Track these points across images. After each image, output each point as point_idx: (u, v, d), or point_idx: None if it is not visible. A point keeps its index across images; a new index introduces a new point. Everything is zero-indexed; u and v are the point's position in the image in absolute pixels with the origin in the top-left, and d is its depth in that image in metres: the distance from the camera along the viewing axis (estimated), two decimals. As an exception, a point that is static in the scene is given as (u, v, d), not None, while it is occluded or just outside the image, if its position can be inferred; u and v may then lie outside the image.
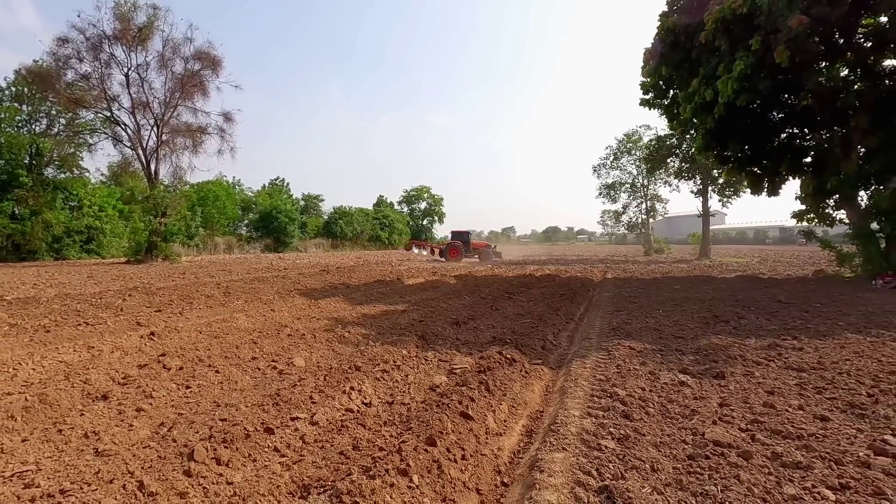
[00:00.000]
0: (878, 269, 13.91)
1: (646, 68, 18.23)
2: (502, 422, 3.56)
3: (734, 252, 45.40)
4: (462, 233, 32.33)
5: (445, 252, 31.29)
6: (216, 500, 2.30)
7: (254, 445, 2.86)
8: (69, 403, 3.52)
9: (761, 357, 5.19)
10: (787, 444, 2.94)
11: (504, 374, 4.51)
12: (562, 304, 9.75)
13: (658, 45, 17.09)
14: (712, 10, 13.91)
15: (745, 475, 2.55)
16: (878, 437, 3.03)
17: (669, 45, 16.74)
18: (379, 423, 3.35)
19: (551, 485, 2.47)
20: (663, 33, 17.08)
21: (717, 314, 8.21)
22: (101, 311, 8.03)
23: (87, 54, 24.28)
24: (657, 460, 2.75)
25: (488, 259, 30.13)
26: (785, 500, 2.30)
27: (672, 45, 16.68)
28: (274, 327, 6.68)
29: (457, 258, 30.27)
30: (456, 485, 2.55)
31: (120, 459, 2.66)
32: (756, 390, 4.04)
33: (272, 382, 4.21)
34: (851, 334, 6.32)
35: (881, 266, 14.05)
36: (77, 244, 30.92)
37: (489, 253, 30.75)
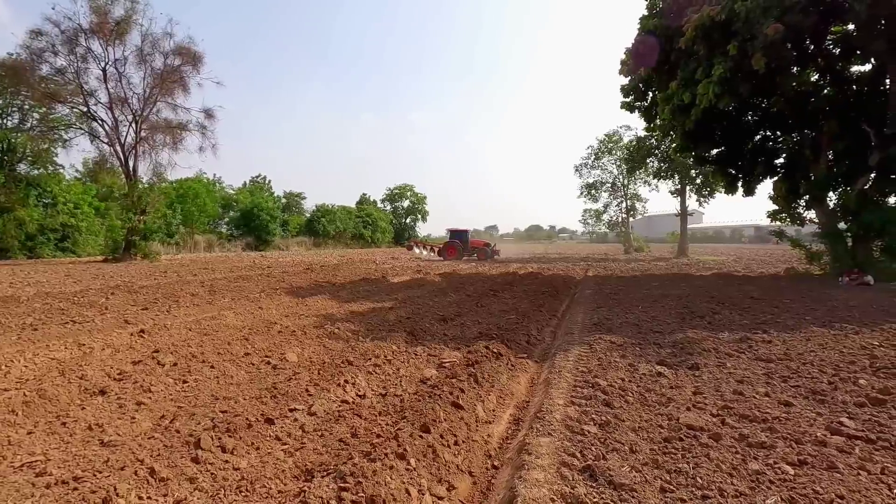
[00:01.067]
0: (845, 267, 14.53)
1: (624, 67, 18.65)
2: (491, 411, 3.75)
3: (711, 251, 46.59)
4: (460, 232, 31.30)
5: (443, 251, 30.49)
6: (225, 484, 2.44)
7: (256, 435, 3.00)
8: (68, 398, 3.59)
9: (733, 349, 5.49)
10: (753, 427, 3.19)
11: (491, 367, 4.70)
12: (545, 301, 10.02)
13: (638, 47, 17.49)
14: (692, 18, 14.33)
15: (715, 454, 2.79)
16: (835, 419, 3.31)
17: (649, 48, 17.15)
18: (374, 413, 3.51)
19: (539, 465, 2.67)
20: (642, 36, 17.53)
21: (693, 310, 8.56)
22: (85, 310, 7.98)
23: (62, 48, 23.71)
24: (635, 443, 2.97)
25: (488, 258, 29.09)
26: (749, 475, 2.54)
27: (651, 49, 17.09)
28: (263, 324, 6.77)
29: (454, 257, 29.44)
30: (450, 467, 2.73)
31: (127, 449, 2.77)
32: (727, 380, 4.32)
33: (267, 377, 4.32)
34: (817, 328, 6.70)
35: (848, 264, 14.67)
36: (51, 242, 30.13)
37: (488, 252, 29.74)
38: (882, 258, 14.66)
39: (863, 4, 11.58)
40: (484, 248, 30.21)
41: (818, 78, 16.77)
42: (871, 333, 6.21)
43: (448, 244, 30.69)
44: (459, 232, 31.27)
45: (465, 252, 29.88)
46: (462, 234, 31.05)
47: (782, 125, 17.35)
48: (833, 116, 15.35)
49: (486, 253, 29.54)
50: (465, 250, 29.91)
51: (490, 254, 29.63)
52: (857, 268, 14.21)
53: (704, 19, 13.75)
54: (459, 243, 30.14)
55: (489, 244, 31.52)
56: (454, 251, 29.74)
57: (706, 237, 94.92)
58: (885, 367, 4.56)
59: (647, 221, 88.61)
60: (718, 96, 13.96)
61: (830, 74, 16.27)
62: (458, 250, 29.75)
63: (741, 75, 13.76)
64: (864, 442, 2.95)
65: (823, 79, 16.68)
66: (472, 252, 29.98)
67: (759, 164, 17.64)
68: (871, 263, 14.47)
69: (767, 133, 18.32)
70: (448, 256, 29.69)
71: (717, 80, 13.58)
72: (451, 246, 30.16)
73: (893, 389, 3.91)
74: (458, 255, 29.55)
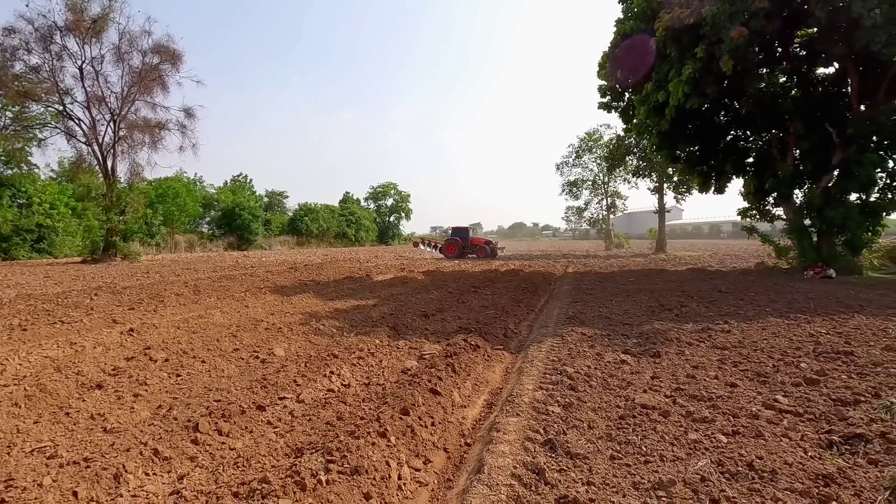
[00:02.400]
0: (810, 261, 15.21)
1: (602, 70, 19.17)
2: (466, 397, 4.07)
3: (689, 246, 47.70)
4: (462, 229, 31.03)
5: (444, 248, 30.38)
6: (223, 462, 2.70)
7: (249, 420, 3.26)
8: (67, 392, 3.80)
9: (694, 339, 5.91)
10: (698, 405, 3.57)
11: (468, 358, 5.02)
12: (524, 297, 10.39)
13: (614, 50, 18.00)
14: (662, 19, 14.85)
15: (661, 427, 3.16)
16: (771, 397, 3.71)
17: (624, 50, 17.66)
18: (358, 399, 3.80)
19: (506, 440, 3.00)
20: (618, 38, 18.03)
21: (663, 303, 9.02)
22: (71, 311, 8.07)
23: (36, 45, 23.30)
24: (593, 420, 3.32)
25: (487, 256, 28.87)
26: (688, 443, 2.90)
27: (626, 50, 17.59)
28: (250, 322, 6.98)
29: (454, 254, 29.24)
30: (427, 444, 3.04)
31: (130, 434, 3.02)
32: (684, 365, 4.71)
33: (256, 370, 4.57)
34: (774, 318, 7.18)
35: (813, 258, 15.36)
36: (27, 243, 29.55)
37: (488, 249, 29.42)
38: (844, 252, 15.38)
39: (822, 11, 12.18)
40: (485, 245, 30.00)
41: (786, 80, 17.50)
42: (822, 323, 6.70)
43: (449, 241, 30.56)
44: (461, 229, 31.11)
45: (467, 249, 29.65)
46: (463, 231, 30.82)
47: (752, 125, 18.03)
48: (798, 117, 16.03)
49: (486, 251, 29.37)
50: (465, 247, 29.69)
51: (490, 251, 29.45)
52: (822, 262, 14.91)
53: (674, 21, 14.26)
54: (460, 241, 29.95)
55: (490, 242, 31.27)
56: (454, 248, 29.56)
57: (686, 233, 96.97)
58: (826, 352, 5.01)
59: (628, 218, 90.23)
60: (687, 96, 14.51)
61: (797, 76, 16.99)
62: (459, 247, 29.55)
63: (710, 77, 14.32)
64: (792, 415, 3.35)
65: (791, 80, 17.41)
66: (472, 249, 29.72)
67: (730, 163, 18.31)
68: (835, 258, 15.19)
69: (738, 133, 19.01)
70: (449, 254, 29.59)
71: (685, 80, 14.12)
72: (452, 243, 30.02)
73: (828, 371, 4.35)
74: (459, 253, 29.36)
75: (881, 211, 15.55)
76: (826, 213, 15.34)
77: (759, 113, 16.84)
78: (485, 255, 29.05)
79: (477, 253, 29.43)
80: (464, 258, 28.64)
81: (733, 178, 19.23)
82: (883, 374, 4.22)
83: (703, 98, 14.76)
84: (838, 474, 2.47)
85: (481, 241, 30.81)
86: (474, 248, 29.75)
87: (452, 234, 31.41)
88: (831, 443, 2.87)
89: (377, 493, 2.36)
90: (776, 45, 15.89)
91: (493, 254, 29.54)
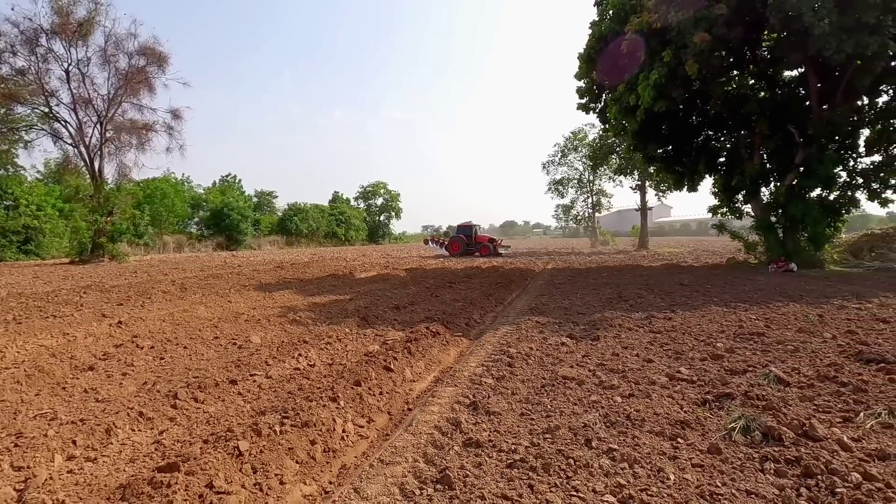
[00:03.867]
0: (776, 256, 15.97)
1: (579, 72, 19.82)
2: (418, 374, 4.63)
3: (674, 243, 48.68)
4: (466, 227, 31.10)
5: (448, 246, 30.43)
6: (197, 421, 3.25)
7: (222, 391, 3.80)
8: (62, 373, 4.31)
9: (635, 325, 6.52)
10: (612, 376, 4.16)
11: (427, 343, 5.59)
12: (495, 291, 10.97)
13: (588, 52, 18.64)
14: (632, 23, 15.51)
15: (572, 393, 3.74)
16: (676, 369, 4.31)
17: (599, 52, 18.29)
18: (320, 376, 4.35)
19: (438, 403, 3.57)
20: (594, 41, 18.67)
21: (623, 295, 9.64)
22: (62, 307, 8.52)
23: (21, 48, 23.48)
24: (518, 388, 3.90)
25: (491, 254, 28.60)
26: (588, 404, 3.49)
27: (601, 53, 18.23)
28: (231, 315, 7.50)
29: (458, 252, 29.16)
30: (373, 409, 3.60)
31: (118, 403, 3.55)
32: (615, 347, 5.31)
33: (233, 354, 5.10)
34: (716, 307, 7.82)
35: (778, 253, 16.12)
36: (14, 245, 29.65)
37: (491, 247, 29.16)
38: (808, 247, 16.16)
39: (777, 18, 12.88)
40: (488, 243, 29.75)
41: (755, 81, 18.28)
42: (756, 310, 7.35)
43: (453, 239, 30.64)
44: (465, 227, 31.19)
45: (471, 247, 29.61)
46: (468, 229, 30.88)
47: (722, 126, 18.78)
48: (763, 118, 16.79)
49: (490, 248, 29.17)
50: (470, 245, 29.68)
51: (493, 249, 29.20)
52: (786, 256, 15.67)
53: (643, 25, 14.91)
54: (464, 238, 29.96)
55: (494, 239, 31.00)
56: (458, 246, 29.57)
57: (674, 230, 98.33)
58: (743, 334, 5.64)
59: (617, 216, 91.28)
60: (655, 99, 15.18)
61: (764, 79, 17.76)
62: (463, 245, 29.52)
63: (678, 80, 14.98)
64: (686, 382, 3.96)
65: (759, 83, 18.19)
66: (477, 247, 29.60)
67: (702, 162, 19.05)
68: (799, 252, 15.95)
69: (710, 133, 19.75)
70: (453, 251, 29.62)
71: (652, 84, 14.79)
72: (455, 241, 30.09)
73: (737, 349, 4.97)
74: (463, 250, 29.33)
75: (840, 208, 16.34)
76: (789, 209, 16.11)
77: (727, 114, 17.60)
78: (488, 252, 28.85)
79: (480, 251, 29.25)
80: (469, 255, 28.57)
81: (706, 176, 20.02)
82: (781, 350, 4.85)
83: (670, 101, 15.43)
84: (694, 421, 3.07)
85: (485, 238, 30.68)
86: (478, 246, 29.62)
87: (457, 231, 31.46)
88: (705, 401, 3.48)
89: (321, 440, 2.91)
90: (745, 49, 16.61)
91: (496, 252, 29.27)
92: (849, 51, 12.32)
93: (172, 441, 2.94)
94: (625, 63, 17.16)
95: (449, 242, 30.88)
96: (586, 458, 2.59)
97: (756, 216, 17.91)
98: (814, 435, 2.76)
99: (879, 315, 6.56)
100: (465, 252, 29.31)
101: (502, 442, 2.84)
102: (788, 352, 4.77)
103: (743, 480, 2.34)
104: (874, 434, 2.82)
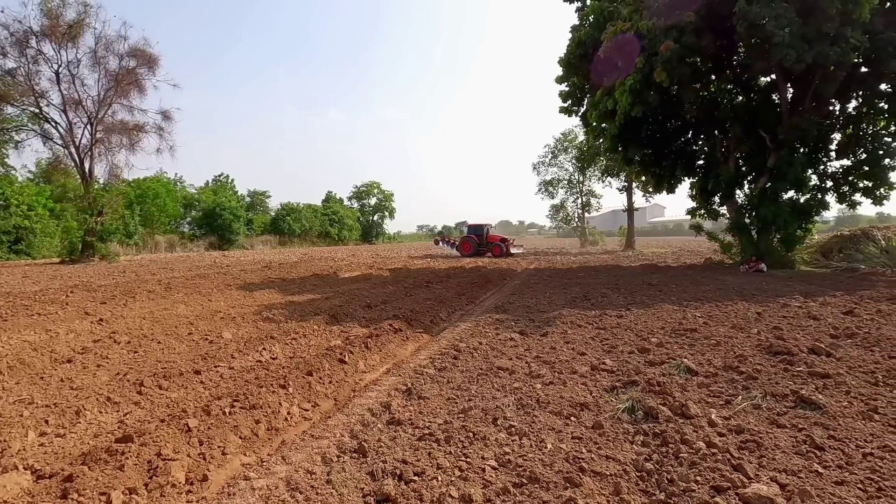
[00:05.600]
0: (749, 256, 16.50)
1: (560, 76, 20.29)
2: (371, 366, 5.06)
3: (663, 243, 49.30)
4: (477, 226, 30.69)
5: (459, 246, 30.22)
6: (159, 405, 3.66)
7: (186, 380, 4.22)
8: (42, 365, 4.71)
9: (585, 322, 6.97)
10: (542, 367, 4.61)
11: (387, 338, 6.02)
12: (469, 291, 11.41)
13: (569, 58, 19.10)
14: (607, 31, 16.00)
15: (499, 381, 4.18)
16: (602, 361, 4.76)
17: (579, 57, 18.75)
18: (279, 367, 4.77)
19: (378, 390, 4.01)
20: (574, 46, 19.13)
21: (588, 295, 10.09)
22: (47, 306, 8.88)
23: (11, 50, 23.70)
24: (454, 377, 4.34)
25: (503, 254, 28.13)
26: (510, 390, 3.93)
27: (581, 58, 18.69)
28: (209, 313, 7.89)
29: (469, 252, 28.94)
30: (319, 395, 4.02)
31: (90, 390, 3.95)
32: (558, 342, 5.75)
33: (203, 348, 5.51)
34: (668, 305, 8.28)
35: (752, 253, 16.65)
36: (4, 245, 29.83)
37: (502, 248, 28.53)
38: (779, 248, 16.71)
39: (743, 27, 13.39)
40: (500, 243, 29.10)
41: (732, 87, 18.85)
42: (704, 308, 7.82)
43: (464, 239, 30.28)
44: (477, 227, 30.77)
45: (482, 247, 29.26)
46: (479, 228, 30.48)
47: (700, 130, 19.33)
48: (737, 123, 17.34)
49: (501, 248, 28.61)
50: (481, 245, 29.33)
51: (505, 249, 28.61)
52: (758, 257, 16.21)
53: (617, 32, 15.40)
54: (476, 238, 29.56)
55: (506, 239, 30.31)
56: (469, 246, 29.30)
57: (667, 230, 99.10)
58: (679, 330, 6.10)
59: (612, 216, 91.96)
60: (632, 104, 15.67)
61: (739, 85, 18.31)
62: (474, 245, 29.19)
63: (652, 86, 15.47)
64: (607, 372, 4.40)
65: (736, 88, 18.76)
66: (488, 247, 29.12)
67: (680, 166, 19.59)
68: (771, 253, 16.49)
69: (688, 137, 20.29)
70: (464, 252, 29.37)
71: (629, 89, 15.28)
72: (466, 241, 29.76)
73: (666, 343, 5.43)
74: (474, 250, 29.05)
75: (811, 210, 16.88)
76: (761, 211, 16.65)
77: (703, 118, 18.15)
78: (500, 252, 28.39)
79: (492, 251, 28.75)
80: (481, 256, 28.31)
81: (683, 179, 20.57)
82: (706, 344, 5.32)
83: (646, 106, 15.92)
84: (593, 404, 3.52)
85: (497, 238, 29.95)
86: (490, 246, 29.17)
87: (469, 231, 31.05)
88: (613, 387, 3.93)
89: (266, 421, 3.33)
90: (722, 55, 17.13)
91: (508, 252, 28.70)
92: (809, 60, 12.83)
93: (134, 421, 3.35)
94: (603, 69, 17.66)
95: (460, 243, 30.60)
96: (487, 432, 3.03)
97: (731, 218, 18.46)
98: (687, 414, 3.21)
99: (813, 312, 7.05)
100: (476, 252, 28.97)
101: (420, 420, 3.27)
102: (711, 346, 5.23)
103: (609, 449, 2.78)
104: (743, 414, 3.27)
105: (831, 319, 6.52)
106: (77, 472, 2.44)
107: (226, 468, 2.74)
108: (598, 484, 2.38)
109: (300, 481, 2.50)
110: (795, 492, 2.22)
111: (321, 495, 2.36)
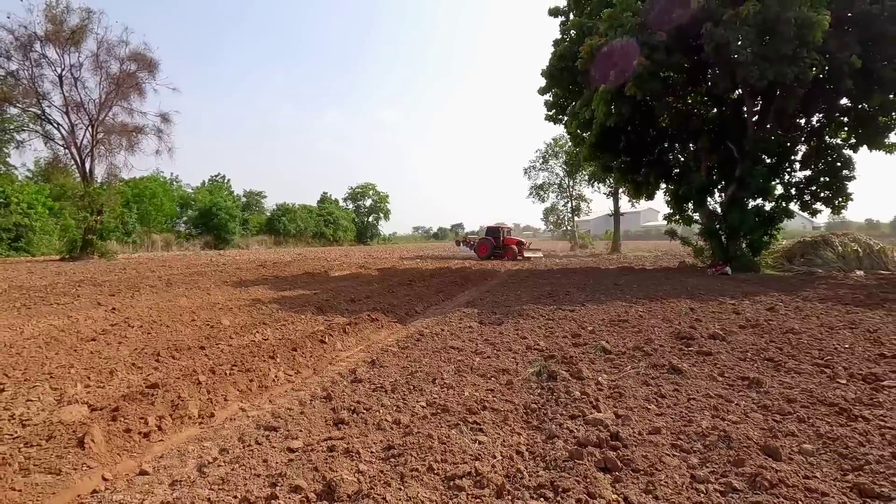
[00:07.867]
0: (718, 260, 17.57)
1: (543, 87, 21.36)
2: (347, 346, 6.04)
3: (651, 247, 50.51)
4: (494, 229, 30.56)
5: (476, 248, 30.42)
6: (173, 369, 4.63)
7: (193, 353, 5.19)
8: (72, 342, 5.66)
9: (539, 315, 7.96)
10: (486, 347, 5.60)
11: (364, 326, 7.00)
12: (448, 289, 12.39)
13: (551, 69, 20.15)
14: (584, 45, 17.05)
15: (449, 356, 5.17)
16: (536, 342, 5.75)
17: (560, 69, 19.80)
18: (270, 346, 5.73)
19: (348, 362, 4.99)
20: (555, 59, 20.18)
21: (554, 293, 11.09)
22: (61, 298, 9.81)
23: (15, 53, 24.54)
24: (413, 354, 5.32)
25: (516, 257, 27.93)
26: (454, 362, 4.91)
27: (563, 70, 19.73)
28: (209, 305, 8.85)
29: (485, 254, 28.88)
30: (301, 365, 4.99)
31: (117, 359, 4.92)
32: (509, 329, 6.74)
33: (205, 331, 6.47)
34: (620, 302, 9.29)
35: (720, 258, 17.72)
36: (5, 242, 30.56)
37: (515, 250, 28.39)
38: (746, 252, 17.77)
39: (710, 46, 14.47)
40: (514, 246, 28.97)
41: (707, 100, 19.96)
42: (649, 305, 8.83)
43: (481, 242, 30.34)
44: (494, 229, 30.64)
45: (498, 249, 29.13)
46: (496, 231, 30.37)
47: (675, 140, 20.42)
48: (707, 134, 18.45)
49: (515, 252, 28.44)
50: (497, 248, 29.22)
51: (517, 252, 28.42)
52: (725, 261, 17.28)
53: (594, 46, 16.44)
54: (492, 241, 29.54)
55: (522, 242, 30.43)
56: (486, 249, 29.32)
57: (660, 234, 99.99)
58: (615, 321, 7.11)
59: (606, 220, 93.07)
60: (607, 115, 16.72)
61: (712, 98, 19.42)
62: (490, 248, 29.26)
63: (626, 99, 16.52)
64: (536, 351, 5.40)
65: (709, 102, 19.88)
66: (504, 249, 28.97)
67: (655, 174, 20.67)
68: (739, 257, 17.55)
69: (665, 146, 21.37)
70: (480, 254, 29.51)
71: (603, 101, 16.33)
72: (483, 243, 29.75)
73: (598, 331, 6.43)
74: (490, 253, 29.04)
75: (776, 217, 17.96)
76: (729, 217, 17.74)
77: (677, 129, 19.26)
78: (513, 256, 28.25)
79: (507, 254, 28.61)
80: (500, 259, 28.33)
81: (660, 186, 21.66)
82: (630, 331, 6.33)
83: (619, 117, 16.97)
84: (514, 370, 4.51)
85: (514, 241, 29.82)
86: (505, 249, 29.06)
87: (486, 233, 31.00)
88: (535, 361, 4.92)
89: (258, 380, 4.30)
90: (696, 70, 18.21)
91: (520, 254, 28.58)
92: (770, 78, 13.92)
93: (154, 379, 4.32)
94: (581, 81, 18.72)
95: (477, 245, 30.74)
96: (425, 387, 4.02)
97: (703, 223, 19.54)
98: (581, 377, 4.21)
99: (739, 309, 8.08)
100: (491, 255, 28.93)
101: (377, 380, 4.26)
102: (633, 333, 6.24)
103: (510, 396, 3.78)
104: (625, 378, 4.27)
105: (750, 314, 7.55)
106: (121, 405, 3.40)
107: (227, 409, 3.72)
108: (493, 415, 3.37)
109: (282, 413, 3.49)
110: (623, 417, 3.22)
111: (295, 419, 3.34)
